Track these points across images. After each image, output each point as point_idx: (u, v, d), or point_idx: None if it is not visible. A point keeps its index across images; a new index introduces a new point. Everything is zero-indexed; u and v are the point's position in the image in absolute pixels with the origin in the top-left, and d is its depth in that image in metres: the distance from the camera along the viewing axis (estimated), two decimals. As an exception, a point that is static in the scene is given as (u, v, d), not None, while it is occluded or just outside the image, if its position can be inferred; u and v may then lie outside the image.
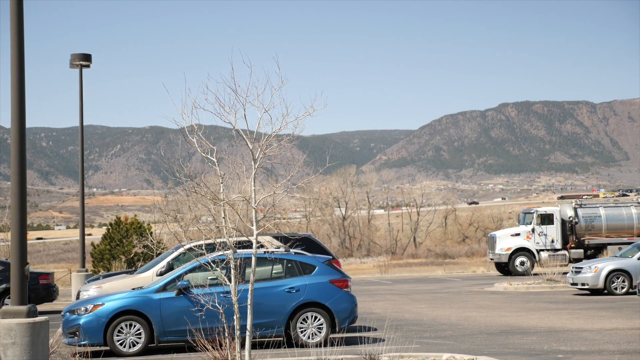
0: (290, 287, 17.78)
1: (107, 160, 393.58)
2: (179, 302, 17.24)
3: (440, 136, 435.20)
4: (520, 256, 45.99)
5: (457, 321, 22.52)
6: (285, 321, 17.58)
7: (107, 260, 45.09)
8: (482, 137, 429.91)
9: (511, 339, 18.44)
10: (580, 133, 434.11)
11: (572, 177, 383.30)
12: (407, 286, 40.05)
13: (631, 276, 30.38)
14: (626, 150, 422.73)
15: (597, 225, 46.24)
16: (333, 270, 18.41)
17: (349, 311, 18.04)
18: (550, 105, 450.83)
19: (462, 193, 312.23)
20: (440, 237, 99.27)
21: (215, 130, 16.72)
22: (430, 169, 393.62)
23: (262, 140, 13.13)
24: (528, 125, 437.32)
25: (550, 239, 46.19)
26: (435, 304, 28.99)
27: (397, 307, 27.81)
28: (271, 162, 14.02)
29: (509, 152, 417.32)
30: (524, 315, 23.89)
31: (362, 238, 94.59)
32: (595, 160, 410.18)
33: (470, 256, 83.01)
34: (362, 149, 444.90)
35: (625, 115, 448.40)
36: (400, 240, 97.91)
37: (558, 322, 21.60)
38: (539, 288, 34.81)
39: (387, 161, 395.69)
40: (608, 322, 21.43)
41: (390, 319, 19.20)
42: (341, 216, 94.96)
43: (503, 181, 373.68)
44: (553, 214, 46.73)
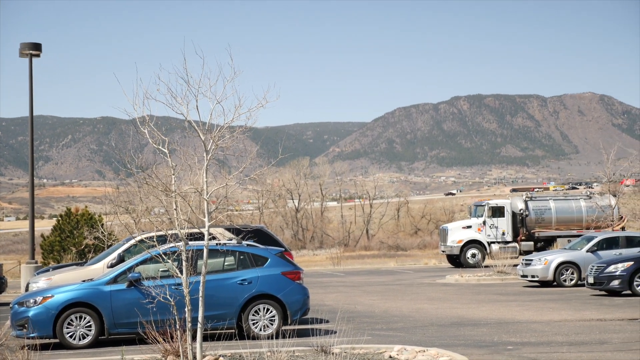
0: (242, 279, 17.73)
1: (58, 151, 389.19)
2: (130, 294, 17.11)
3: (393, 129, 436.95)
4: (472, 248, 46.36)
5: (409, 313, 22.64)
6: (237, 313, 17.53)
7: (58, 252, 44.64)
8: (434, 130, 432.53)
9: (462, 330, 18.59)
10: (531, 126, 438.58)
11: (523, 170, 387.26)
12: (360, 278, 40.17)
13: (580, 268, 30.77)
14: (576, 144, 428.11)
15: (547, 218, 46.76)
16: (285, 262, 18.40)
17: (301, 303, 18.05)
18: (502, 98, 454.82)
19: (415, 185, 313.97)
20: (392, 229, 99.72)
21: (167, 122, 16.61)
22: (383, 162, 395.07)
23: (214, 131, 13.06)
24: (480, 118, 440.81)
25: (501, 231, 46.62)
26: (387, 296, 29.12)
27: (350, 299, 27.88)
28: (224, 153, 13.96)
29: (461, 145, 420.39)
30: (475, 307, 24.09)
31: (315, 230, 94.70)
32: (545, 154, 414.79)
33: (423, 248, 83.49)
34: (316, 141, 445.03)
35: (575, 109, 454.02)
36: (353, 232, 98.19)
37: (508, 314, 21.82)
38: (489, 280, 35.12)
39: (341, 153, 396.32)
40: (557, 313, 21.69)
41: (342, 311, 19.24)
42: (294, 208, 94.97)
43: (455, 174, 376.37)
44: (504, 207, 47.16)
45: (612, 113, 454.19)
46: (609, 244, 31.26)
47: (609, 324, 19.23)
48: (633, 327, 18.49)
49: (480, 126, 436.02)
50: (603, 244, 31.25)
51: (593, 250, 30.91)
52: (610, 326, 18.75)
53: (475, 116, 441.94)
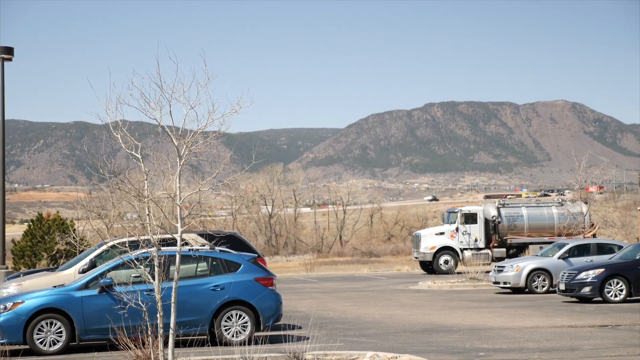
0: (215, 285, 17.68)
1: (30, 155, 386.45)
2: (101, 300, 17.01)
3: (367, 135, 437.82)
4: (445, 255, 46.51)
5: (382, 319, 22.68)
6: (210, 319, 17.48)
7: (29, 258, 44.30)
8: (408, 136, 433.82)
9: (434, 337, 18.64)
10: (504, 134, 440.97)
11: (495, 177, 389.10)
12: (333, 284, 40.19)
13: (551, 275, 30.95)
14: (548, 151, 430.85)
15: (520, 224, 46.98)
16: (258, 269, 18.38)
17: (274, 309, 18.02)
18: (475, 105, 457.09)
19: (388, 192, 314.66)
20: (366, 236, 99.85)
21: (140, 127, 16.53)
22: (357, 168, 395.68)
23: (187, 137, 13.04)
24: (453, 125, 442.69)
25: (474, 238, 46.81)
26: (360, 302, 29.15)
27: (322, 305, 27.88)
28: (197, 159, 13.94)
29: (434, 152, 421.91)
30: (447, 313, 24.16)
31: (288, 236, 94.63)
32: (518, 161, 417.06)
33: (396, 254, 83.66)
34: (290, 146, 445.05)
35: (548, 117, 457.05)
36: (327, 239, 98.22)
37: (480, 320, 21.90)
38: (462, 286, 35.25)
39: (314, 159, 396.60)
40: (529, 320, 21.80)
41: (315, 317, 19.23)
42: (268, 214, 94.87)
43: (428, 180, 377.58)
44: (477, 214, 47.37)
45: (584, 121, 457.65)
46: (581, 251, 31.49)
47: (580, 330, 19.35)
48: (604, 334, 18.62)
49: (453, 133, 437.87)
50: (574, 251, 31.47)
51: (564, 257, 31.11)
52: (581, 333, 18.87)
53: (449, 123, 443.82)
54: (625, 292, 26.46)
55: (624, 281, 26.46)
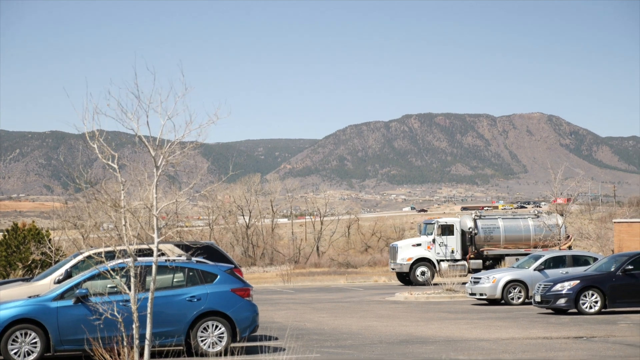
0: (191, 295, 17.62)
1: (5, 165, 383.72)
2: (76, 311, 16.90)
3: (344, 146, 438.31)
4: (421, 266, 46.59)
5: (358, 330, 22.68)
6: (186, 330, 17.41)
7: (4, 268, 43.94)
8: (385, 147, 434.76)
9: (410, 348, 18.66)
10: (480, 145, 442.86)
11: (472, 189, 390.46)
12: (310, 295, 40.15)
13: (527, 287, 31.08)
14: (524, 163, 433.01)
15: (496, 236, 47.17)
16: (235, 279, 18.33)
17: (250, 320, 17.98)
18: (452, 117, 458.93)
19: (366, 203, 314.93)
20: (343, 247, 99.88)
21: (117, 137, 16.50)
22: (334, 179, 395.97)
23: (165, 147, 13.03)
24: (430, 136, 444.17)
25: (451, 249, 46.93)
26: (337, 313, 29.14)
27: (299, 316, 27.85)
28: (174, 169, 13.93)
29: (411, 163, 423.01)
30: (424, 324, 24.20)
31: (265, 247, 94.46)
32: (495, 173, 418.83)
33: (373, 266, 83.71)
34: (267, 157, 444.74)
35: (524, 129, 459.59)
36: (304, 249, 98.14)
37: (456, 332, 21.95)
38: (438, 298, 35.32)
39: (292, 170, 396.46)
40: (505, 331, 21.87)
41: (291, 328, 19.22)
42: (245, 225, 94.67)
43: (405, 191, 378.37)
44: (453, 225, 47.50)
45: (560, 133, 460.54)
46: (556, 262, 31.65)
47: (555, 342, 19.44)
48: (579, 346, 18.71)
49: (430, 144, 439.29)
50: (550, 262, 31.63)
51: (540, 269, 31.26)
52: (557, 344, 18.95)
53: (426, 134, 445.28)
54: (600, 304, 26.60)
55: (599, 293, 26.61)
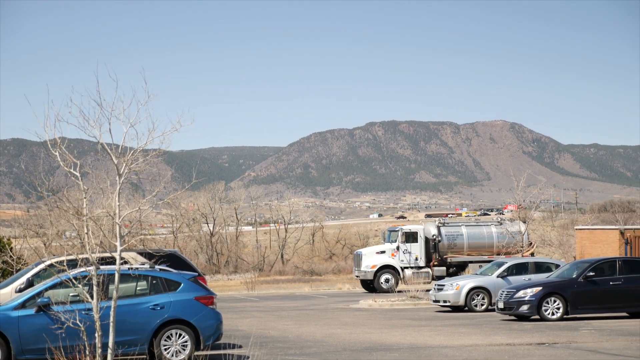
0: (154, 304, 17.52)
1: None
2: (38, 320, 16.73)
3: (308, 154, 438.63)
4: (385, 273, 46.69)
5: (322, 338, 22.68)
6: (149, 339, 17.29)
7: (-36, 276, 43.40)
8: (349, 155, 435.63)
9: (374, 355, 18.69)
10: (444, 153, 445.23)
11: (436, 196, 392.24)
12: (274, 303, 40.09)
13: (490, 293, 31.26)
14: (487, 171, 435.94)
15: (460, 243, 47.39)
16: (199, 287, 18.27)
17: (214, 328, 17.91)
18: (416, 125, 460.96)
19: (330, 210, 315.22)
20: (307, 254, 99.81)
21: (80, 144, 16.38)
22: (299, 186, 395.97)
23: (127, 155, 12.97)
24: (394, 144, 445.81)
25: (415, 256, 47.07)
26: (301, 320, 29.12)
27: (263, 324, 27.80)
28: (137, 177, 13.88)
29: (375, 171, 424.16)
30: (388, 332, 24.26)
31: (229, 254, 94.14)
32: (458, 180, 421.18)
33: (337, 273, 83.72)
34: (231, 165, 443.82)
35: (487, 137, 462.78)
36: (268, 257, 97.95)
37: (420, 339, 22.03)
38: (402, 305, 35.40)
39: (256, 178, 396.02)
40: (468, 338, 21.99)
41: (255, 336, 19.17)
42: (209, 232, 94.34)
43: (370, 199, 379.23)
44: (417, 232, 47.66)
45: (523, 141, 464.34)
46: (519, 269, 31.87)
47: (518, 348, 19.57)
48: (541, 352, 18.85)
49: (394, 152, 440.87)
50: (513, 269, 31.83)
51: (503, 276, 31.45)
52: (519, 350, 19.08)
53: (390, 142, 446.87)
54: (562, 310, 26.83)
55: (561, 299, 26.84)
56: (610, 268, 27.72)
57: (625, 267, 27.83)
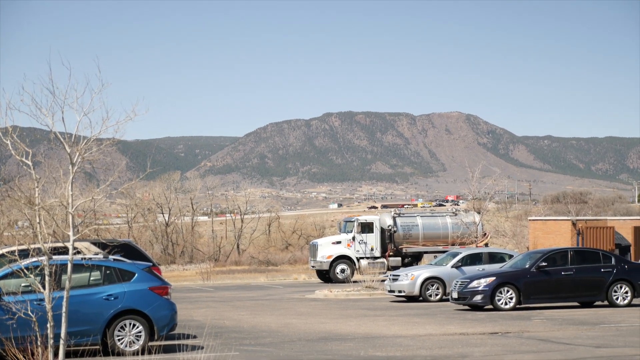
0: (108, 294, 17.40)
1: None
2: (-11, 311, 16.52)
3: (265, 144, 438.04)
4: (341, 264, 46.82)
5: (278, 328, 22.69)
6: (102, 329, 17.17)
7: None
8: (306, 145, 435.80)
9: (329, 345, 18.75)
10: (400, 144, 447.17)
11: (392, 187, 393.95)
12: (229, 293, 40.03)
13: (445, 283, 31.47)
14: (443, 162, 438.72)
15: (415, 234, 47.65)
16: (153, 277, 18.17)
17: (169, 318, 17.83)
18: (373, 116, 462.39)
19: (286, 201, 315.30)
20: (263, 245, 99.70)
21: (32, 133, 16.20)
22: (255, 177, 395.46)
23: (81, 144, 12.85)
24: (351, 135, 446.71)
25: (370, 247, 47.25)
26: (257, 311, 29.12)
27: (218, 314, 27.75)
28: (91, 166, 13.75)
29: (332, 161, 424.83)
30: (343, 321, 24.34)
31: (185, 245, 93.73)
32: (414, 171, 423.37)
33: (293, 263, 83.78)
34: (187, 155, 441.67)
35: (443, 128, 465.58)
36: (224, 247, 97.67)
37: (375, 329, 22.13)
38: (358, 295, 35.54)
39: (212, 168, 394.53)
40: (422, 328, 22.13)
41: (210, 326, 19.13)
42: (164, 222, 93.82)
43: (326, 189, 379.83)
44: (373, 223, 47.83)
45: (478, 132, 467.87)
46: (473, 259, 32.13)
47: (471, 338, 19.75)
48: (494, 341, 19.04)
49: (351, 143, 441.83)
50: (467, 259, 32.08)
51: (458, 266, 31.68)
52: (473, 340, 19.25)
53: (347, 133, 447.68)
54: (515, 300, 27.12)
55: (514, 289, 27.12)
56: (563, 258, 28.08)
57: (577, 257, 28.22)
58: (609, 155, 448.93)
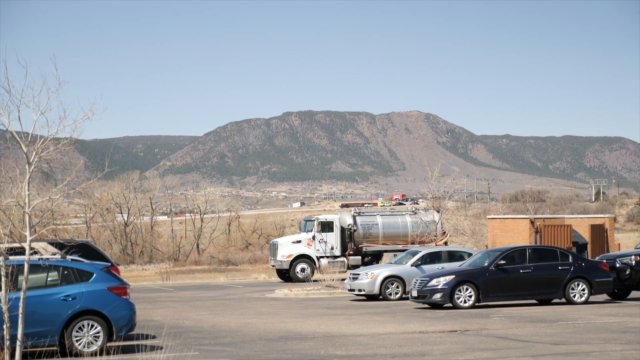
0: (66, 294, 17.23)
1: None
2: (-56, 312, 16.30)
3: (225, 143, 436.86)
4: (301, 263, 46.81)
5: (237, 328, 22.63)
6: (60, 330, 17.00)
7: None
8: (266, 145, 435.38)
9: (289, 344, 18.73)
10: (360, 143, 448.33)
11: (352, 186, 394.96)
12: (189, 293, 39.86)
13: (405, 282, 31.57)
14: (403, 161, 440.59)
15: (375, 233, 47.76)
16: (111, 278, 18.04)
17: (127, 319, 17.70)
18: (333, 115, 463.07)
19: (246, 200, 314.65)
20: (223, 244, 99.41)
21: (-12, 132, 16.02)
22: (215, 176, 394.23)
23: (38, 143, 12.72)
24: (311, 134, 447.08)
25: (330, 246, 47.27)
26: (216, 310, 29.02)
27: (178, 314, 27.61)
28: (49, 165, 13.62)
29: (292, 161, 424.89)
30: (303, 321, 24.33)
31: (144, 245, 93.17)
32: (374, 170, 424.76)
33: (253, 263, 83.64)
34: (146, 154, 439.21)
35: (403, 127, 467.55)
36: (184, 247, 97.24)
37: (335, 328, 22.15)
38: (318, 294, 35.55)
39: (172, 167, 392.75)
40: (382, 326, 22.19)
41: (169, 326, 19.03)
42: (123, 222, 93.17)
43: (286, 189, 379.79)
44: (333, 222, 47.86)
45: (437, 131, 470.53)
46: (432, 258, 32.27)
47: (431, 336, 19.84)
48: (453, 339, 19.15)
49: (311, 142, 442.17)
50: (427, 258, 32.21)
51: (417, 265, 31.81)
52: (432, 338, 19.34)
53: (307, 132, 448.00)
54: (474, 298, 27.29)
55: (473, 287, 27.30)
56: (521, 256, 28.30)
57: (535, 255, 28.45)
58: (567, 154, 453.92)
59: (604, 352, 16.52)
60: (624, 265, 29.35)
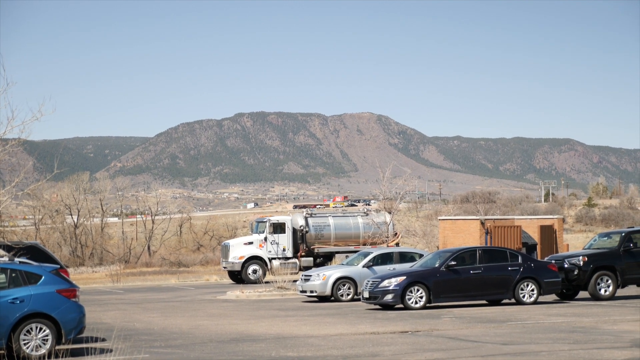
0: (13, 297, 17.01)
1: None
2: None
3: (176, 144, 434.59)
4: (253, 264, 46.72)
5: (189, 330, 22.53)
6: (7, 333, 16.77)
7: None
8: (218, 146, 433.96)
9: (241, 346, 18.69)
10: (312, 144, 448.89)
11: (304, 187, 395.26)
12: (140, 295, 39.59)
13: (356, 283, 31.64)
14: (355, 162, 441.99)
15: (327, 234, 47.85)
16: (60, 280, 17.84)
17: (77, 321, 17.51)
18: (285, 116, 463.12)
19: (198, 201, 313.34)
20: (175, 246, 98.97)
21: None
22: (166, 177, 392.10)
23: (-16, 144, 12.56)
24: (263, 135, 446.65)
25: (282, 247, 47.27)
26: (167, 312, 28.86)
27: (128, 316, 27.40)
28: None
29: (244, 162, 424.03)
30: (254, 322, 24.29)
31: (94, 247, 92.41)
32: (326, 171, 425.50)
33: (205, 264, 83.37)
34: (97, 155, 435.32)
35: (355, 128, 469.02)
36: (135, 249, 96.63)
37: (287, 329, 22.14)
38: (270, 296, 35.51)
39: (122, 168, 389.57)
40: (333, 328, 22.23)
41: (119, 329, 18.87)
42: (73, 224, 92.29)
43: (238, 190, 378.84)
44: (285, 223, 47.86)
45: (389, 133, 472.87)
46: (384, 259, 32.38)
47: (382, 337, 19.92)
48: (404, 340, 19.24)
49: (263, 143, 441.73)
50: (378, 259, 32.32)
51: (369, 266, 31.89)
52: (383, 339, 19.42)
53: (259, 133, 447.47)
54: (425, 298, 27.45)
55: (424, 288, 27.45)
56: (471, 257, 28.51)
57: (485, 256, 28.67)
58: (517, 155, 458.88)
59: (553, 352, 16.72)
60: (572, 266, 29.70)
